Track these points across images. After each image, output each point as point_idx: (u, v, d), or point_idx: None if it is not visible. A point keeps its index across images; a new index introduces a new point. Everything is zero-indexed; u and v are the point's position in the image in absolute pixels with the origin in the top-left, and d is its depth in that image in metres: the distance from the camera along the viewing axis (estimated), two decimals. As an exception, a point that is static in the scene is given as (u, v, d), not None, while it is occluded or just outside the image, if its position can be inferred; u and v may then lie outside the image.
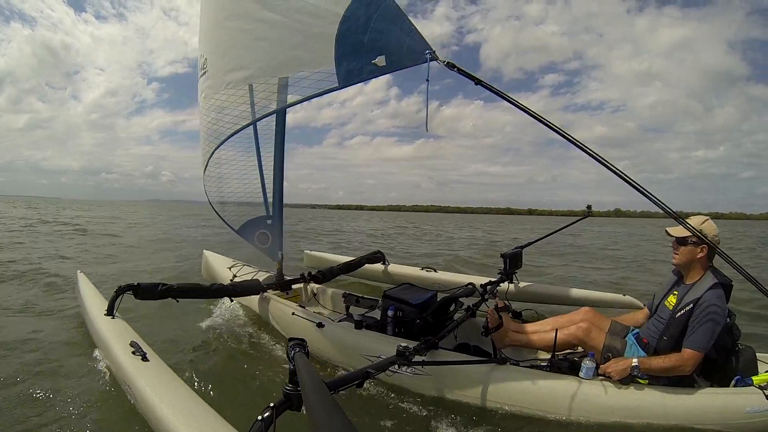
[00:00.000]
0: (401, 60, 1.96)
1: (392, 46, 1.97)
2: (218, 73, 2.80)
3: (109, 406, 2.04)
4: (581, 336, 2.23)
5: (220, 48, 2.81)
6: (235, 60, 2.65)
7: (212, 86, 2.90)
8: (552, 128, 1.88)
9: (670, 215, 1.95)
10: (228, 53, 2.73)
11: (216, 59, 2.85)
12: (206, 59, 2.97)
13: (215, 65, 2.86)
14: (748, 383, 1.92)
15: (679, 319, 1.98)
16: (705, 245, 2.02)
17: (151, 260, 7.34)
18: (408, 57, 1.94)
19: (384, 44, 1.98)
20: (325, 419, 0.98)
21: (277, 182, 3.47)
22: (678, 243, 2.11)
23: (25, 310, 3.83)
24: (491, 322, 2.38)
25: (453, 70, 1.89)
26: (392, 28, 1.97)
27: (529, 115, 1.88)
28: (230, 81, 2.69)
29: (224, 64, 2.74)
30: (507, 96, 1.91)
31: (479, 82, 1.91)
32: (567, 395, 1.98)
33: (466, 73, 1.90)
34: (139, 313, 3.39)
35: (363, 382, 1.62)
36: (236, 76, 2.65)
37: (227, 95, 2.74)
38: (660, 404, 1.89)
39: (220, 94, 2.79)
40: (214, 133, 3.06)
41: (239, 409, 2.10)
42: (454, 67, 1.89)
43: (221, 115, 2.90)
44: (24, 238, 10.15)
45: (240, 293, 3.23)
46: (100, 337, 2.34)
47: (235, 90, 2.68)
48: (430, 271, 4.51)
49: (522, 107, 1.89)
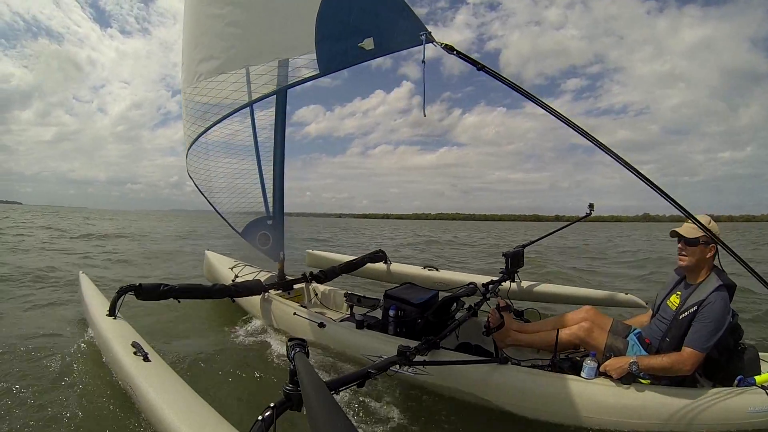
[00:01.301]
0: (392, 42, 1.77)
1: (381, 26, 1.77)
2: (191, 64, 2.59)
3: (111, 406, 2.05)
4: (583, 336, 2.23)
5: (192, 37, 2.61)
6: (207, 49, 2.43)
7: (186, 79, 2.69)
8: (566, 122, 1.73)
9: (685, 214, 1.81)
10: (200, 42, 2.51)
11: (189, 49, 2.64)
12: (183, 51, 2.80)
13: (188, 56, 2.65)
14: (751, 383, 1.91)
15: (682, 320, 1.96)
16: (714, 245, 1.98)
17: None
18: (400, 39, 1.75)
19: (372, 25, 1.78)
20: (325, 419, 0.97)
21: (278, 183, 3.45)
22: (687, 244, 2.04)
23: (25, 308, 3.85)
24: (493, 321, 2.38)
25: (452, 53, 1.72)
26: (381, 6, 1.79)
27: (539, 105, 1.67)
28: (201, 72, 2.46)
29: (195, 54, 2.54)
30: (513, 83, 1.74)
31: (482, 67, 1.73)
32: (569, 395, 1.97)
33: (467, 57, 1.73)
34: (141, 313, 3.39)
35: (364, 382, 1.61)
36: (206, 67, 2.43)
37: (198, 89, 2.53)
38: (662, 404, 1.88)
39: (192, 87, 2.58)
40: (188, 130, 2.90)
41: (240, 409, 2.11)
42: (453, 50, 1.71)
43: (194, 109, 2.70)
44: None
45: (242, 293, 3.23)
46: (101, 338, 2.34)
47: (205, 83, 2.46)
48: (431, 270, 4.50)
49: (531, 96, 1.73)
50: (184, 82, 2.73)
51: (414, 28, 1.72)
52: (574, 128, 1.76)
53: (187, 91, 2.67)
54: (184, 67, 2.72)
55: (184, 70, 2.71)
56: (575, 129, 1.77)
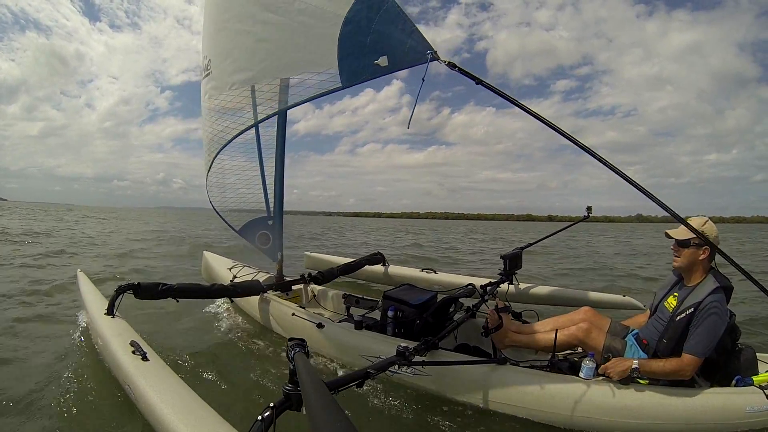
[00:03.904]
0: (403, 60, 1.99)
1: (394, 46, 2.00)
2: (223, 74, 2.83)
3: (109, 405, 2.04)
4: (581, 336, 2.23)
5: (223, 49, 2.83)
6: (239, 61, 2.67)
7: (217, 87, 2.92)
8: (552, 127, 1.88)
9: (674, 217, 1.90)
10: (231, 54, 2.75)
11: (220, 61, 2.87)
12: (210, 60, 3.00)
13: (219, 66, 2.88)
14: (749, 383, 1.92)
15: (679, 322, 1.96)
16: (707, 247, 1.98)
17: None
18: (410, 57, 1.97)
19: (386, 45, 2.01)
20: (325, 419, 0.97)
21: (278, 183, 3.47)
22: (679, 245, 2.06)
23: (25, 309, 3.83)
24: (491, 322, 2.38)
25: (454, 70, 1.91)
26: (393, 29, 2.00)
27: (530, 114, 1.89)
28: (234, 82, 2.71)
29: (228, 65, 2.77)
30: (509, 96, 1.91)
31: (480, 81, 1.94)
32: (567, 396, 1.97)
33: (467, 72, 1.92)
34: (140, 312, 3.39)
35: (363, 382, 1.62)
36: (240, 77, 2.67)
37: (231, 96, 2.77)
38: (660, 404, 1.89)
39: (224, 95, 2.82)
40: (218, 135, 3.08)
41: (239, 408, 2.10)
42: (455, 66, 1.91)
43: (225, 116, 2.93)
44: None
45: (240, 294, 3.23)
46: (100, 337, 2.33)
47: (239, 91, 2.70)
48: (429, 272, 4.50)
49: (526, 108, 1.91)
50: (214, 89, 2.95)
51: (422, 47, 1.94)
52: (570, 139, 1.89)
53: (218, 98, 2.91)
54: (213, 75, 2.96)
55: (215, 78, 2.94)
56: (571, 139, 1.91)
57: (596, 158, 1.87)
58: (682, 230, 2.03)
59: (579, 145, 1.88)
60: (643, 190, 1.85)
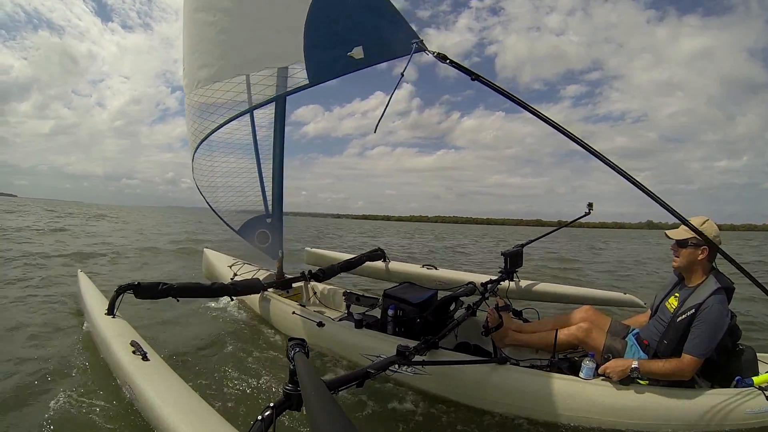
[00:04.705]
0: (382, 51, 1.75)
1: (371, 35, 1.75)
2: (192, 70, 2.58)
3: (110, 405, 2.04)
4: (581, 336, 2.23)
5: (191, 43, 2.60)
6: (204, 56, 2.43)
7: (187, 84, 2.70)
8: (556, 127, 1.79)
9: (673, 215, 1.88)
10: (197, 49, 2.50)
11: (188, 55, 2.64)
12: (184, 56, 2.78)
13: (188, 61, 2.65)
14: (749, 384, 1.92)
15: (679, 323, 1.95)
16: (706, 247, 1.97)
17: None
18: (390, 48, 1.74)
19: (360, 34, 1.74)
20: (325, 419, 0.97)
21: (277, 181, 3.43)
22: (678, 245, 2.06)
23: (25, 308, 3.83)
24: (491, 321, 2.38)
25: (445, 62, 1.71)
26: (371, 14, 1.76)
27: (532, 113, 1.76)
28: (199, 79, 2.45)
29: (194, 60, 2.53)
30: (508, 93, 1.78)
31: (477, 77, 1.75)
32: (567, 395, 1.98)
33: (461, 66, 1.71)
34: (140, 312, 3.39)
35: (363, 381, 1.62)
36: (203, 74, 2.42)
37: (198, 95, 2.55)
38: (660, 405, 1.89)
39: (193, 93, 2.60)
40: (195, 134, 2.89)
41: (239, 408, 2.10)
42: (446, 59, 1.71)
43: (204, 114, 2.68)
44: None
45: (240, 292, 3.23)
46: (100, 337, 2.33)
47: (203, 90, 2.46)
48: (430, 269, 4.49)
49: (527, 107, 1.78)
50: (186, 87, 2.74)
51: (405, 36, 1.70)
52: (570, 136, 1.81)
53: (190, 96, 2.69)
54: (185, 72, 2.73)
55: (186, 75, 2.71)
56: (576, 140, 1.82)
57: (600, 159, 1.77)
58: (680, 230, 2.02)
59: (583, 145, 1.79)
60: (645, 190, 1.82)
